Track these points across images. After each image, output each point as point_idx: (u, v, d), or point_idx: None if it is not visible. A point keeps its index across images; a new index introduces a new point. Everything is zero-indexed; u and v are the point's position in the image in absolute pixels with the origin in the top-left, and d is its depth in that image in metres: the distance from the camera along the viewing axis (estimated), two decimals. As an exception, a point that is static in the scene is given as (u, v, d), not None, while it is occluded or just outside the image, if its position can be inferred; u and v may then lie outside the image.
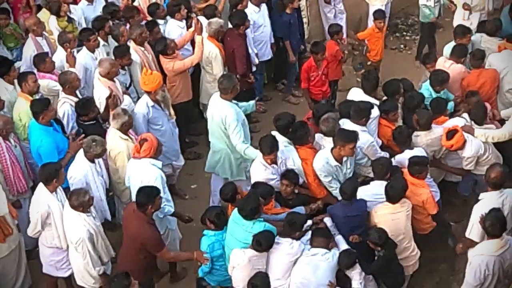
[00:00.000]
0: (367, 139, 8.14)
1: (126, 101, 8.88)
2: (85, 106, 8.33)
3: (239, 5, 10.36)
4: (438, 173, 8.62)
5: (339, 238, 7.29)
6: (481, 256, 6.58)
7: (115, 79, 8.86)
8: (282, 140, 7.96)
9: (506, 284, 6.76)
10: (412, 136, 8.26)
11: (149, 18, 10.25)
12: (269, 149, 7.67)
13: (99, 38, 9.49)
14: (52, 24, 10.18)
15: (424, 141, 8.29)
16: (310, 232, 7.21)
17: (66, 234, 7.31)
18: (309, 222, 7.39)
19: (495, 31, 9.84)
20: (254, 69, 10.48)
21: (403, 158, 7.98)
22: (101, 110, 8.61)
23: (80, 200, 7.09)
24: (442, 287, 8.14)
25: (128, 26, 9.84)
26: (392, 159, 8.04)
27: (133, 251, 7.22)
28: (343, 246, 7.21)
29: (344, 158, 7.81)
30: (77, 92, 8.71)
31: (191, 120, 10.16)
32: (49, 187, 7.34)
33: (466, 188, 8.65)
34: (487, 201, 7.13)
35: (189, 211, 8.54)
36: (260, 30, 10.61)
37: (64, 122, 8.48)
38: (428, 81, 9.20)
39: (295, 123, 8.12)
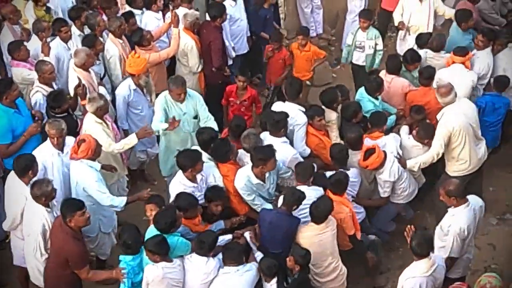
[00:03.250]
0: (289, 151, 8.00)
1: (102, 92, 8.83)
2: (56, 98, 8.27)
3: (218, -2, 10.40)
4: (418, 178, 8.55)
5: (258, 255, 7.13)
6: (413, 278, 6.48)
7: (90, 69, 8.84)
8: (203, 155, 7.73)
9: None
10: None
11: (126, 8, 10.24)
12: (190, 163, 7.47)
13: (74, 28, 9.46)
14: (28, 12, 10.10)
15: (355, 160, 8.12)
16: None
17: (23, 226, 7.19)
18: (229, 236, 7.28)
19: (441, 47, 9.65)
20: (230, 62, 10.50)
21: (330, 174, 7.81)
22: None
23: (42, 190, 6.94)
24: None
25: (104, 16, 9.82)
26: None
27: (58, 266, 6.95)
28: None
29: (267, 174, 7.65)
30: (53, 83, 8.68)
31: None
32: (24, 179, 7.24)
33: (386, 223, 8.49)
34: (461, 215, 7.03)
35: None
36: (236, 24, 10.63)
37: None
38: (363, 88, 9.09)
39: (217, 139, 7.99)
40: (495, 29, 9.86)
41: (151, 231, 6.92)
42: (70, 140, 7.79)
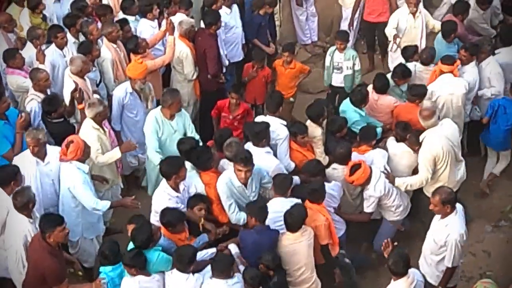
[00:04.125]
0: (272, 162, 7.99)
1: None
2: (51, 103, 8.29)
3: (214, 5, 10.37)
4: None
5: (241, 268, 7.04)
6: None
7: (85, 77, 8.85)
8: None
9: None
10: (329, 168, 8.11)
11: (120, 14, 10.27)
12: (174, 169, 7.40)
13: (69, 36, 9.47)
14: (24, 19, 10.09)
15: (341, 175, 8.06)
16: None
17: (5, 236, 7.13)
18: (213, 250, 7.20)
19: (431, 60, 9.55)
20: (224, 70, 10.50)
21: None
22: (71, 106, 8.64)
23: (24, 198, 6.89)
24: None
25: (99, 24, 9.83)
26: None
27: (35, 280, 6.85)
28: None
29: (249, 180, 7.61)
30: (48, 91, 8.68)
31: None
32: (6, 189, 7.20)
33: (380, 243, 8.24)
34: (456, 222, 6.99)
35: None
36: (231, 31, 10.62)
37: (31, 119, 8.39)
38: (349, 99, 9.06)
39: (198, 148, 8.01)
40: (479, 42, 9.79)
41: (131, 246, 6.89)
42: (53, 150, 7.75)
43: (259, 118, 8.81)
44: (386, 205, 8.14)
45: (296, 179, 7.99)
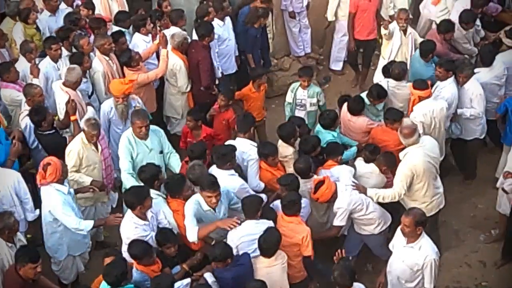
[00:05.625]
0: (237, 182, 7.82)
1: (90, 112, 8.91)
2: (38, 111, 8.26)
3: (206, 17, 10.42)
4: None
5: None
6: None
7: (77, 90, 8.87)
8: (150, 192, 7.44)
9: None
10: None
11: (113, 27, 10.30)
12: (137, 200, 7.20)
13: (63, 49, 9.48)
14: (17, 33, 10.08)
15: (305, 189, 7.94)
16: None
17: None
18: (188, 280, 6.97)
19: (403, 75, 9.48)
20: (216, 81, 10.49)
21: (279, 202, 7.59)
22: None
23: (4, 223, 6.84)
24: None
25: (92, 37, 9.83)
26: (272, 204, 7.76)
27: None
28: None
29: (219, 203, 7.43)
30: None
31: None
32: None
33: (352, 246, 8.13)
34: (428, 243, 6.92)
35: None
36: (225, 44, 10.64)
37: (26, 134, 8.46)
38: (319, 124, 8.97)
39: (173, 175, 7.92)
40: (458, 62, 9.80)
41: (103, 285, 6.68)
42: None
43: (229, 141, 8.59)
44: (366, 218, 7.94)
45: (264, 197, 7.78)
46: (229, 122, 9.40)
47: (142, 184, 7.68)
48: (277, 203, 7.66)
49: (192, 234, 7.20)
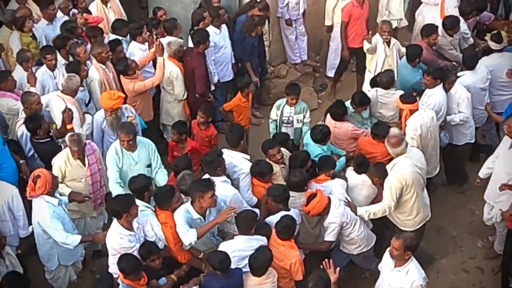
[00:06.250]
0: (229, 190, 7.73)
1: (89, 120, 8.97)
2: (33, 119, 8.28)
3: (201, 22, 10.44)
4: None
5: None
6: None
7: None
8: (138, 204, 7.36)
9: None
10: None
11: (110, 36, 10.30)
12: (123, 208, 7.11)
13: (60, 57, 9.48)
14: (14, 41, 10.07)
15: (298, 202, 7.89)
16: None
17: None
18: None
19: (391, 84, 9.45)
20: (212, 88, 10.52)
21: (275, 218, 7.47)
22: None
23: None
24: None
25: (89, 45, 9.84)
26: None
27: None
28: None
29: (207, 212, 7.38)
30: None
31: (151, 140, 10.12)
32: None
33: (338, 260, 7.82)
34: (415, 267, 6.81)
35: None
36: (221, 51, 10.67)
37: (22, 143, 8.47)
38: (309, 134, 8.92)
39: (163, 186, 7.87)
40: (444, 67, 9.78)
41: None
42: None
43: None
44: (350, 236, 7.88)
45: (257, 212, 7.72)
46: (211, 138, 9.34)
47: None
48: (271, 220, 7.55)
49: (190, 236, 7.15)
